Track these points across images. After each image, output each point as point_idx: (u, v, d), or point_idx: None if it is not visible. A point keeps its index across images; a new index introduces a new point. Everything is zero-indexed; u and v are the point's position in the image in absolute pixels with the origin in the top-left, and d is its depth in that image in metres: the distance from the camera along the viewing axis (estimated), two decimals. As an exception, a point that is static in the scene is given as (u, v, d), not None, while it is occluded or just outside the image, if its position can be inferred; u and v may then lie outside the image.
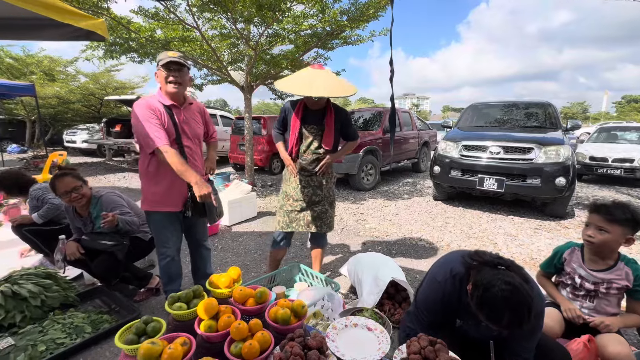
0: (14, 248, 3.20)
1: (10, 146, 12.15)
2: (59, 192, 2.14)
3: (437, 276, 1.35)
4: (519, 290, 1.05)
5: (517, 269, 1.14)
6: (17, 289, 2.01)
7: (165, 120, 1.85)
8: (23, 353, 1.69)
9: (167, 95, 1.90)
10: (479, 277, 1.13)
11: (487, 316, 1.09)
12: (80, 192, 2.16)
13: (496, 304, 1.06)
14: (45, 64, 11.02)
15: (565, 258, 1.67)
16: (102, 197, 2.27)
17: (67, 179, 2.12)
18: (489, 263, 1.17)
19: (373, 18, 5.32)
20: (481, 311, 1.10)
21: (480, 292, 1.10)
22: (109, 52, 5.24)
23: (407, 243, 3.57)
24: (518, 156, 4.29)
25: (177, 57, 1.81)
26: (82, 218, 2.30)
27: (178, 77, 1.83)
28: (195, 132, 2.01)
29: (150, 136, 1.76)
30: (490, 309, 1.08)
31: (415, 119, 8.35)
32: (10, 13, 1.97)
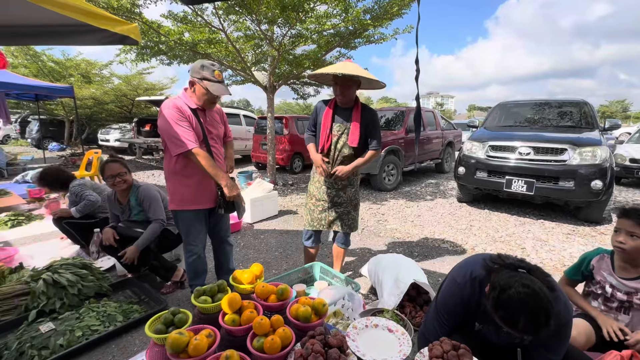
0: (55, 239, 3.43)
1: (51, 144, 13.02)
2: (106, 174, 2.35)
3: (456, 278, 1.32)
4: (537, 294, 1.00)
5: (542, 275, 1.09)
6: (57, 278, 2.15)
7: (193, 122, 1.92)
8: (62, 337, 1.81)
9: (194, 98, 1.95)
10: (496, 279, 1.10)
11: (502, 318, 1.05)
12: (124, 178, 2.40)
13: (512, 306, 1.02)
14: (83, 67, 11.70)
15: (594, 265, 1.57)
16: (140, 187, 2.45)
17: (115, 165, 2.38)
18: (509, 266, 1.13)
19: (397, 16, 5.23)
20: (496, 313, 1.06)
21: (496, 293, 1.06)
22: (140, 55, 5.49)
23: (429, 245, 3.50)
24: (550, 157, 4.08)
25: (223, 83, 1.94)
26: (122, 205, 2.49)
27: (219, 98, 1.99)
28: (218, 132, 2.11)
29: (182, 138, 1.82)
30: (505, 311, 1.04)
31: (439, 118, 8.15)
32: (53, 20, 2.11)
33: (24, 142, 15.45)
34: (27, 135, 14.89)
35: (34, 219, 4.10)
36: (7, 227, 3.81)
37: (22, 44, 5.11)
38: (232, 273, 1.67)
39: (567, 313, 1.14)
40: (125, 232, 2.42)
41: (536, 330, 1.01)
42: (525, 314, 1.00)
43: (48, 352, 1.73)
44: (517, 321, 1.02)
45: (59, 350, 1.75)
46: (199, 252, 2.14)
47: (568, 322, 1.16)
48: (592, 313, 1.54)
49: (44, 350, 1.73)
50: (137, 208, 2.46)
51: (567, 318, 1.14)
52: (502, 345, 1.26)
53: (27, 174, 6.39)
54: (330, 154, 2.24)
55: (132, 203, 2.48)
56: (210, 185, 2.02)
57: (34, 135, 13.74)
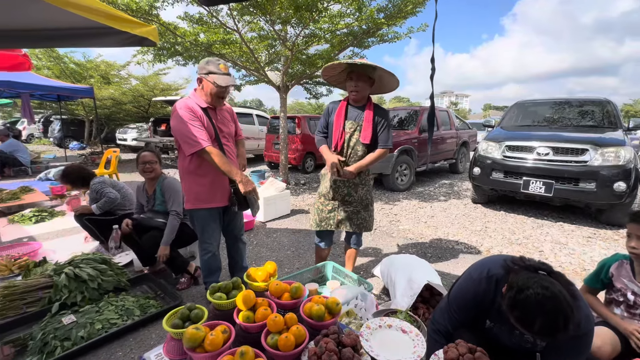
0: (76, 235, 3.55)
1: (71, 143, 13.48)
2: (139, 161, 2.57)
3: (473, 274, 1.30)
4: (556, 297, 0.97)
5: (565, 282, 1.06)
6: (78, 272, 2.23)
7: (205, 122, 1.95)
8: (83, 329, 1.88)
9: (205, 97, 1.99)
10: (514, 279, 1.08)
11: (517, 318, 1.03)
12: (153, 167, 2.57)
13: (528, 307, 0.99)
14: (102, 68, 12.06)
15: (613, 273, 1.51)
16: (166, 179, 2.57)
17: (148, 154, 2.58)
18: (530, 268, 1.10)
19: (411, 14, 5.18)
20: (512, 312, 1.04)
21: (513, 292, 1.04)
22: (157, 56, 5.61)
23: (443, 246, 3.45)
24: (570, 158, 3.95)
25: (230, 75, 1.95)
26: (147, 195, 2.64)
27: (227, 92, 2.01)
28: (229, 130, 2.14)
29: (195, 138, 1.85)
30: (521, 311, 1.01)
31: (453, 118, 8.02)
32: (77, 23, 2.18)
33: (46, 141, 16.06)
34: (50, 134, 15.47)
35: (57, 215, 4.25)
36: (31, 222, 3.97)
37: (48, 47, 5.30)
38: (245, 271, 1.69)
39: (588, 323, 1.10)
40: (146, 223, 2.59)
41: (552, 333, 0.98)
42: (543, 316, 0.97)
43: (70, 343, 1.79)
44: (532, 322, 0.99)
45: (80, 341, 1.81)
46: (213, 250, 2.18)
47: (588, 333, 1.12)
48: (612, 320, 1.49)
49: (66, 342, 1.80)
50: (160, 198, 2.59)
51: (587, 328, 1.10)
52: (513, 348, 1.23)
53: (50, 171, 6.63)
54: (344, 152, 2.23)
55: (157, 193, 2.61)
56: (224, 183, 2.06)
57: (56, 134, 14.26)
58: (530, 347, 1.17)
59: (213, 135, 1.99)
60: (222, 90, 1.96)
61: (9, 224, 3.94)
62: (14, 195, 4.54)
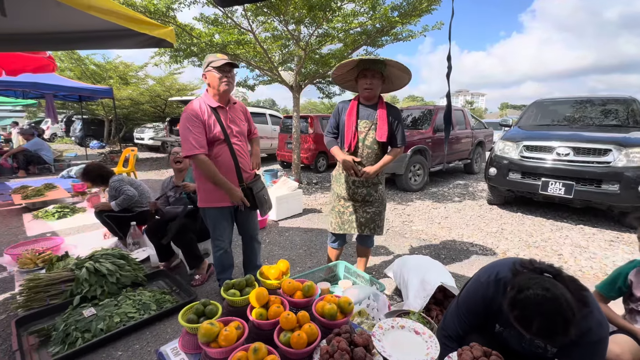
0: (96, 230, 3.67)
1: (92, 142, 13.94)
2: (171, 152, 2.81)
3: (481, 277, 1.29)
4: (556, 299, 0.95)
5: (577, 287, 1.03)
6: (98, 267, 2.31)
7: (212, 122, 1.96)
8: (102, 322, 1.94)
9: (216, 96, 2.01)
10: (517, 280, 1.07)
11: (516, 318, 1.02)
12: (182, 160, 2.76)
13: (527, 307, 0.99)
14: (121, 69, 12.41)
15: (632, 280, 1.43)
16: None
17: (179, 148, 2.66)
18: (536, 270, 1.09)
19: (426, 12, 5.11)
20: (512, 312, 1.03)
21: (513, 292, 1.03)
22: (174, 57, 5.73)
23: (457, 248, 3.39)
24: (592, 158, 3.82)
25: (228, 59, 1.95)
26: (174, 186, 2.82)
27: (230, 77, 1.97)
28: (241, 129, 2.12)
29: (190, 143, 1.88)
30: (520, 311, 1.00)
31: (469, 117, 7.86)
32: (99, 26, 2.26)
33: (68, 140, 16.65)
34: (72, 133, 16.05)
35: (78, 211, 4.41)
36: (54, 218, 4.13)
37: (71, 49, 5.53)
38: (258, 269, 1.71)
39: (601, 330, 1.07)
40: (170, 212, 2.77)
41: (550, 335, 0.96)
42: (541, 316, 0.96)
43: (90, 335, 1.86)
44: (530, 323, 0.98)
45: (99, 334, 1.88)
46: (225, 247, 2.20)
47: (602, 340, 1.08)
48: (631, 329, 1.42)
49: (86, 333, 1.86)
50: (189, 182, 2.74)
51: (600, 335, 1.07)
52: (524, 354, 1.20)
53: (72, 169, 6.88)
54: (358, 151, 2.22)
55: (185, 180, 2.78)
56: (232, 182, 2.06)
57: (77, 133, 14.78)
58: (542, 352, 1.14)
59: (222, 135, 1.98)
60: (224, 77, 1.93)
61: (33, 219, 4.12)
62: (38, 192, 4.73)
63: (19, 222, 4.02)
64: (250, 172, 2.16)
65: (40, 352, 1.79)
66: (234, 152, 2.03)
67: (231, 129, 2.05)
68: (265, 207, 2.16)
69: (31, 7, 1.97)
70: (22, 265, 2.64)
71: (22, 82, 6.18)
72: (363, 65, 2.12)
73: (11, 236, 3.55)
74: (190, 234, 2.58)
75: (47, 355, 1.76)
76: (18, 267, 2.66)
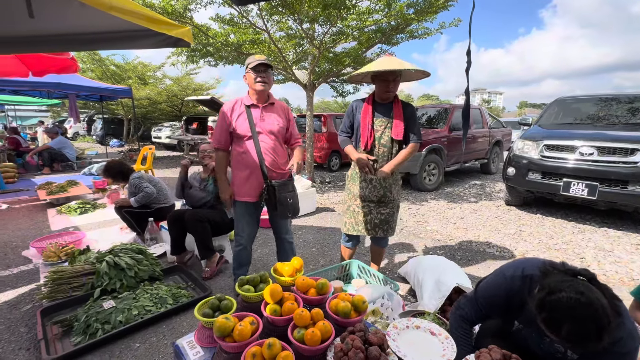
0: (116, 226, 3.79)
1: (112, 141, 14.38)
2: (199, 150, 2.89)
3: (506, 272, 1.24)
4: (591, 304, 0.89)
5: (610, 295, 0.97)
6: (117, 261, 2.37)
7: (241, 119, 2.08)
8: (121, 314, 2.00)
9: (253, 95, 2.10)
10: (547, 280, 1.00)
11: (544, 320, 0.96)
12: (211, 155, 2.84)
13: (558, 310, 0.92)
14: (139, 69, 12.75)
15: None
16: None
17: (206, 145, 2.88)
18: (569, 272, 1.02)
19: (442, 8, 5.01)
20: (540, 314, 0.97)
21: (543, 294, 0.97)
22: (190, 57, 5.84)
23: (473, 249, 3.31)
24: (618, 158, 3.65)
25: (264, 59, 2.01)
26: (201, 179, 2.92)
27: (265, 77, 2.03)
28: (273, 129, 2.11)
29: (215, 136, 2.17)
30: (550, 313, 0.94)
31: (486, 116, 7.68)
32: (119, 26, 2.31)
33: (89, 139, 17.26)
34: (93, 132, 16.62)
35: (98, 207, 4.55)
36: (76, 213, 4.28)
37: (93, 49, 5.70)
38: None
39: (632, 342, 1.01)
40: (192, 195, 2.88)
41: (582, 341, 0.90)
42: (573, 320, 0.90)
43: (110, 326, 1.92)
44: (560, 326, 0.92)
45: (118, 325, 1.94)
46: (244, 243, 2.23)
47: (630, 352, 1.01)
48: None
49: (106, 325, 1.92)
50: (212, 179, 2.85)
51: (630, 347, 1.00)
52: (542, 356, 1.15)
53: (93, 167, 7.12)
54: (374, 150, 2.20)
55: (211, 176, 2.87)
56: (258, 178, 2.10)
57: (98, 132, 15.29)
58: (561, 357, 1.09)
59: (249, 132, 2.06)
60: (258, 77, 2.00)
61: (57, 214, 4.28)
62: (61, 188, 4.92)
63: (44, 217, 4.19)
64: (279, 171, 2.13)
65: (63, 342, 1.86)
66: (260, 149, 2.07)
67: (260, 126, 2.09)
68: (286, 210, 2.12)
69: (56, 9, 2.04)
70: (47, 258, 2.75)
71: (47, 82, 6.42)
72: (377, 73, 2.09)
73: (37, 230, 3.71)
74: (205, 224, 2.60)
75: (70, 344, 1.83)
76: (43, 259, 2.77)
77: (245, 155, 2.08)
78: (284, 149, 2.22)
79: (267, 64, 2.02)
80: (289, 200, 2.11)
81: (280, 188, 2.09)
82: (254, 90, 2.07)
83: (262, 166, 2.07)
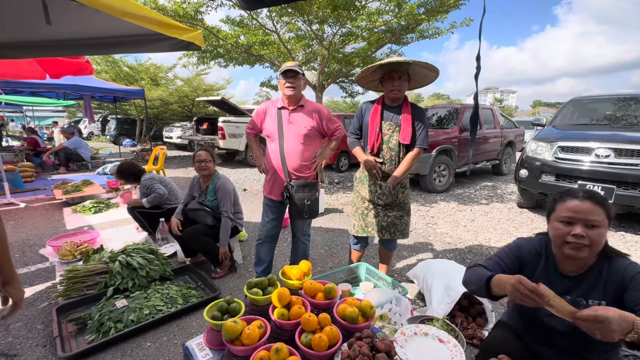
0: (127, 225, 3.87)
1: (125, 140, 14.68)
2: (195, 159, 2.76)
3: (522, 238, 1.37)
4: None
5: None
6: (130, 260, 2.42)
7: (271, 120, 2.23)
8: (133, 313, 2.04)
9: (284, 99, 2.20)
10: None
11: (562, 193, 1.17)
12: (207, 165, 2.74)
13: (573, 188, 1.18)
14: (152, 70, 12.97)
15: None
16: (220, 180, 2.77)
17: (203, 153, 2.75)
18: None
19: (454, 7, 4.96)
20: (556, 196, 1.21)
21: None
22: (201, 58, 5.92)
23: (484, 252, 3.26)
24: (636, 161, 3.54)
25: (293, 65, 2.09)
26: (201, 189, 2.86)
27: (293, 82, 2.11)
28: (298, 131, 2.18)
29: (249, 125, 2.37)
30: (562, 190, 1.20)
31: (498, 115, 7.54)
32: (132, 31, 2.36)
33: (104, 139, 17.64)
34: (107, 132, 17.01)
35: (112, 206, 4.66)
36: (91, 212, 4.39)
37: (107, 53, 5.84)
38: None
39: None
40: (192, 216, 2.80)
41: (596, 196, 1.09)
42: (582, 188, 1.16)
43: (122, 325, 1.96)
44: (576, 190, 1.14)
45: (130, 324, 1.98)
46: (262, 238, 2.34)
47: None
48: None
49: (118, 324, 1.97)
50: (212, 195, 2.77)
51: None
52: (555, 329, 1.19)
53: (106, 166, 7.29)
54: (382, 153, 2.19)
55: (209, 189, 2.79)
56: (280, 180, 2.21)
57: (112, 132, 15.63)
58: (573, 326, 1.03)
59: (276, 132, 2.19)
60: (287, 82, 2.10)
61: (72, 213, 4.40)
62: (76, 187, 5.05)
63: (60, 216, 4.31)
64: (300, 173, 2.20)
65: (78, 339, 1.91)
66: (283, 150, 2.17)
67: (288, 128, 2.18)
68: (302, 211, 2.17)
69: (72, 15, 2.09)
70: (62, 257, 2.83)
71: (64, 84, 6.61)
72: (389, 66, 2.09)
73: (53, 229, 3.82)
74: (203, 237, 2.63)
75: (84, 342, 1.88)
76: (59, 258, 2.85)
77: (272, 155, 2.23)
78: (312, 151, 2.27)
79: (296, 70, 2.10)
80: (306, 202, 2.17)
81: (298, 188, 2.16)
82: (284, 95, 2.18)
83: (284, 167, 2.18)
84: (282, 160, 2.18)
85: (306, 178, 2.23)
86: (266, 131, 2.27)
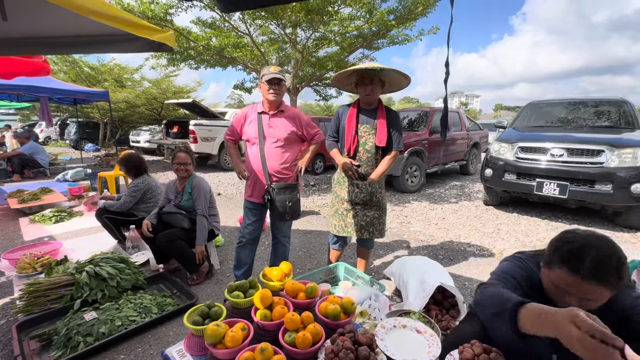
0: (93, 234, 3.66)
1: (87, 145, 13.82)
2: (174, 161, 2.71)
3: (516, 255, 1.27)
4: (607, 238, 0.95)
5: None
6: (98, 270, 2.30)
7: (251, 124, 2.24)
8: (104, 325, 1.94)
9: (265, 104, 2.23)
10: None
11: (566, 252, 0.96)
12: (186, 167, 2.72)
13: (577, 240, 0.96)
14: (116, 71, 12.36)
15: (635, 281, 1.48)
16: (196, 179, 2.74)
17: (182, 155, 2.71)
18: None
19: (421, 16, 5.19)
20: (559, 251, 0.99)
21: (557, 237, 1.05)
22: (171, 60, 5.75)
23: (454, 248, 3.43)
24: (585, 159, 3.89)
25: (277, 73, 2.13)
26: (177, 191, 2.82)
27: (277, 89, 2.15)
28: (281, 135, 2.21)
29: (228, 131, 2.34)
30: (570, 244, 0.96)
31: (464, 118, 7.95)
32: (100, 31, 2.27)
33: (62, 143, 16.50)
34: (66, 136, 15.90)
35: (75, 215, 4.38)
36: (51, 222, 4.10)
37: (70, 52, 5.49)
38: None
39: None
40: (168, 220, 2.72)
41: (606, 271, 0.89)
42: (594, 248, 0.91)
43: (92, 338, 1.86)
44: (582, 256, 0.91)
45: (101, 337, 1.88)
46: (244, 241, 2.33)
47: None
48: None
49: (88, 337, 1.86)
50: (187, 194, 2.72)
51: None
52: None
53: (67, 173, 6.84)
54: (358, 155, 2.26)
55: (186, 189, 2.75)
56: (261, 183, 2.22)
57: (72, 136, 14.65)
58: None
59: (256, 136, 2.20)
60: (271, 89, 2.12)
61: (30, 224, 4.08)
62: (34, 195, 4.70)
63: (16, 227, 3.99)
64: (281, 175, 2.23)
65: (42, 356, 1.79)
66: (264, 154, 2.18)
67: (268, 132, 2.20)
68: (283, 213, 2.19)
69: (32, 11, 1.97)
70: (21, 270, 2.63)
71: (17, 85, 6.13)
72: (361, 71, 2.16)
73: (8, 241, 3.53)
74: (178, 242, 2.55)
75: (49, 359, 1.76)
76: (16, 271, 2.64)
77: (251, 158, 2.25)
78: (292, 154, 2.30)
79: (280, 78, 2.13)
80: (288, 203, 2.19)
81: (280, 191, 2.18)
82: (265, 99, 2.21)
83: (264, 169, 2.19)
84: (262, 163, 2.19)
85: (287, 180, 2.25)
86: (246, 135, 2.27)
